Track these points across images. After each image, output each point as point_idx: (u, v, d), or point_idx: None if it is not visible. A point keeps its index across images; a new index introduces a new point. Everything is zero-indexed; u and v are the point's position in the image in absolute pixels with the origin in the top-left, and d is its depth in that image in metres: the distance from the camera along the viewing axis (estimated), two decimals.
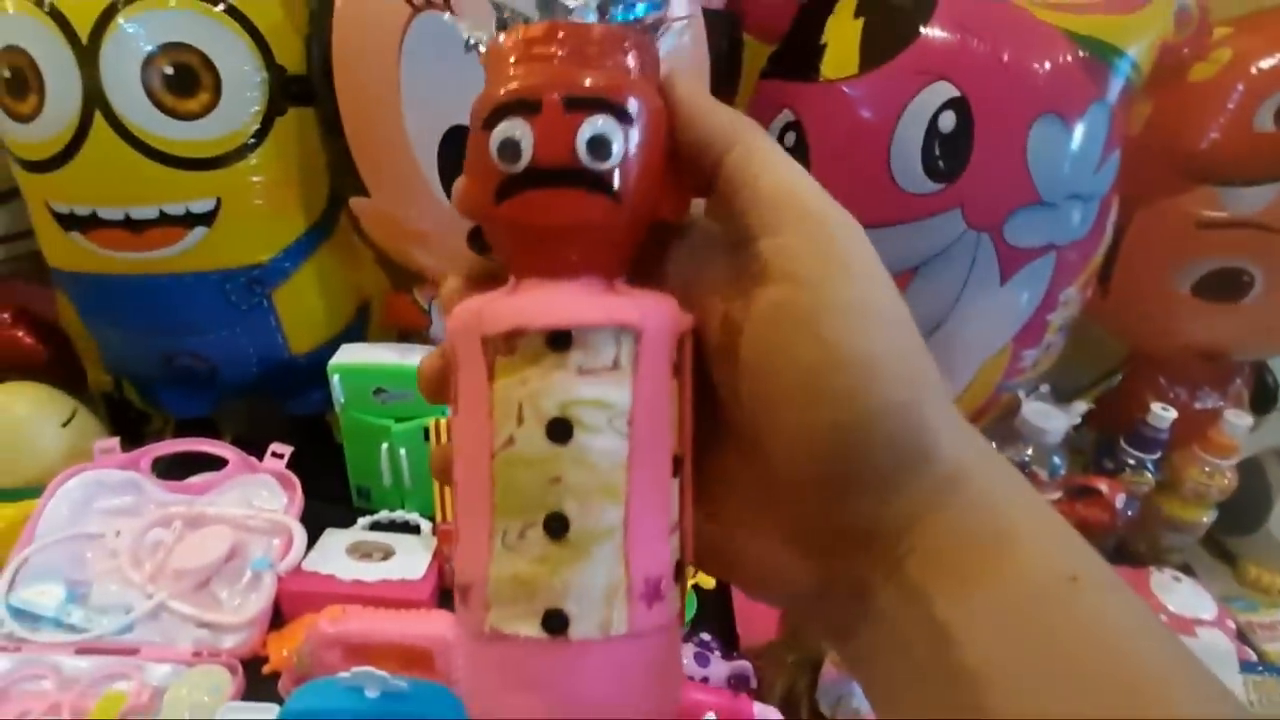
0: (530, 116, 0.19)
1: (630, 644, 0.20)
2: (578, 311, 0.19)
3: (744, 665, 0.58)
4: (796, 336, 0.19)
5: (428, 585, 0.62)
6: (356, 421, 0.68)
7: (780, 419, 0.19)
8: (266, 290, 0.65)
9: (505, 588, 0.19)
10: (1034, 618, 0.18)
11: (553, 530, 0.19)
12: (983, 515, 0.19)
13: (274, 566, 0.61)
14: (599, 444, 0.19)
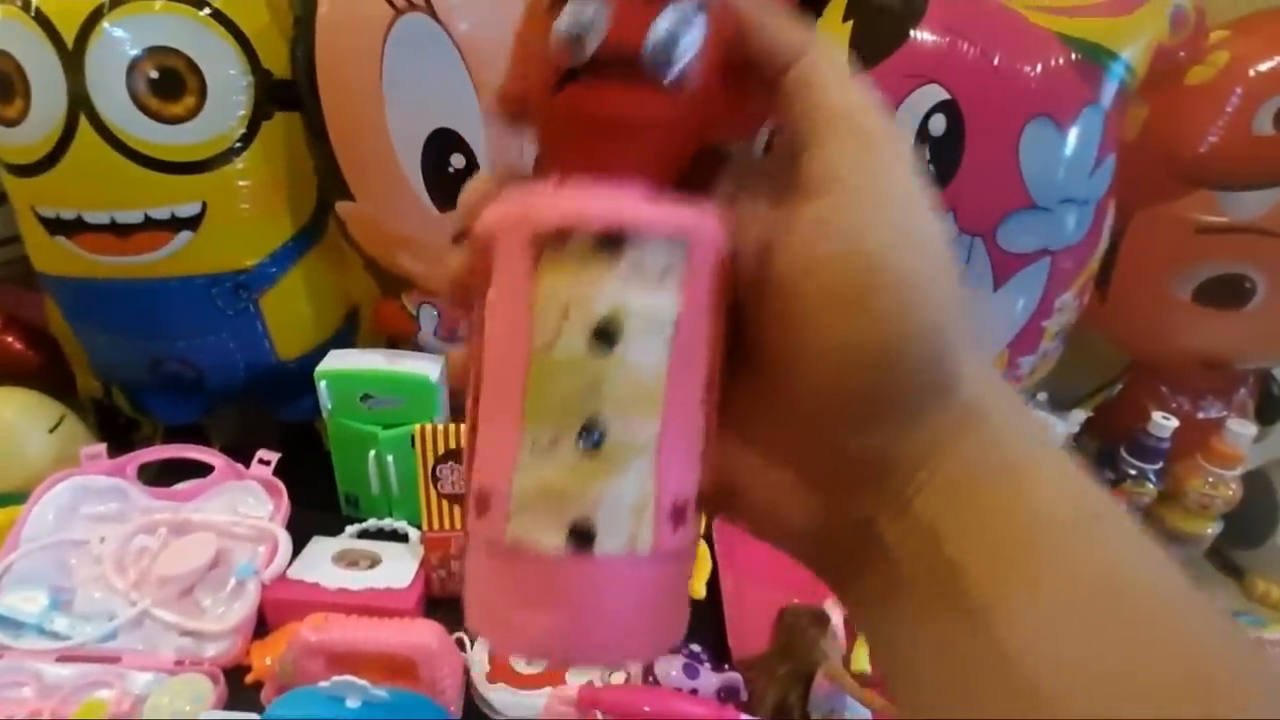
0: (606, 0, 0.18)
1: (652, 565, 0.19)
2: (635, 214, 0.18)
3: (734, 677, 0.57)
4: (840, 250, 0.18)
5: (413, 594, 0.61)
6: (344, 428, 0.67)
7: (813, 338, 0.18)
8: (253, 295, 0.64)
9: (531, 497, 0.18)
10: (1050, 554, 0.17)
11: (588, 440, 0.18)
12: (999, 452, 0.19)
13: (258, 574, 0.60)
14: (643, 354, 0.18)
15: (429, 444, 0.59)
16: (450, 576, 0.65)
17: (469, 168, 0.53)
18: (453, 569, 0.64)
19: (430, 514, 0.62)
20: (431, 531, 0.63)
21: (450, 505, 0.62)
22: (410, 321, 0.69)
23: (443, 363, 0.67)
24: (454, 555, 0.64)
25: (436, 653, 0.53)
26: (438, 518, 0.62)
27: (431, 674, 0.53)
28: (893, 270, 0.18)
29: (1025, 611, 0.17)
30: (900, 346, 0.18)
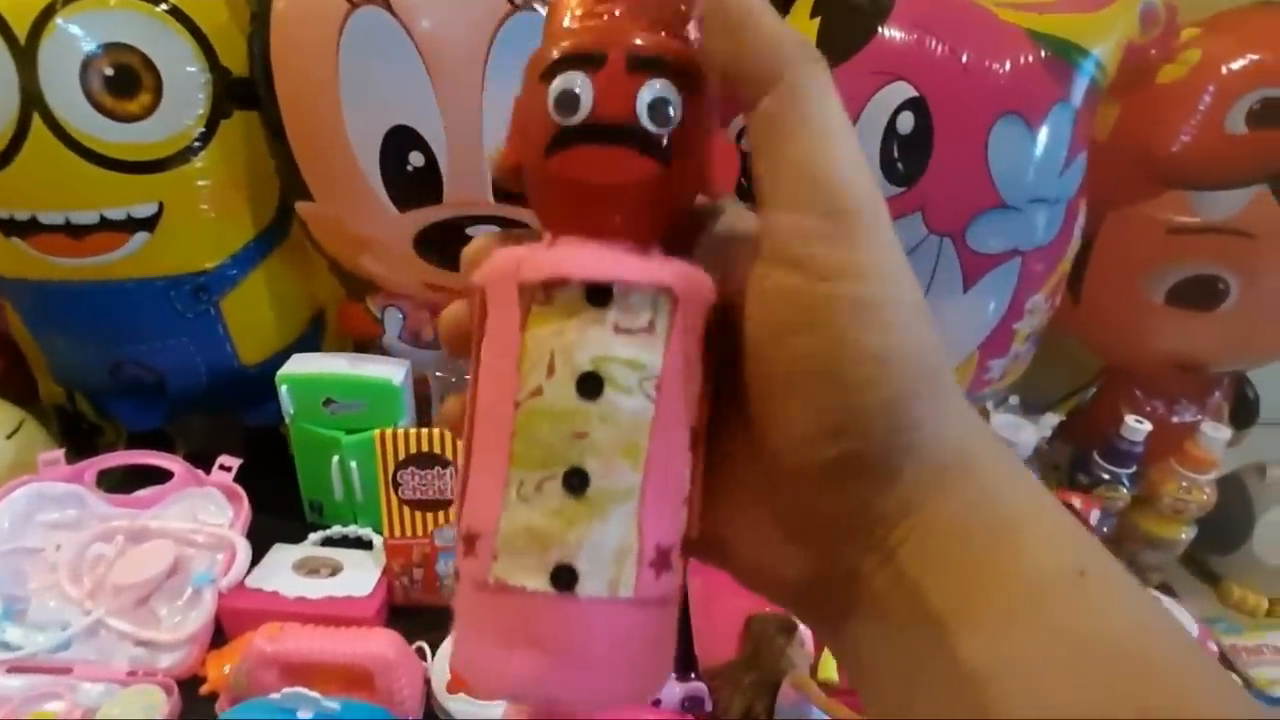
0: (592, 71, 0.19)
1: (635, 609, 0.19)
2: (621, 268, 0.19)
3: (698, 687, 0.56)
4: (805, 326, 0.18)
5: (374, 602, 0.60)
6: (306, 433, 0.66)
7: (783, 404, 0.19)
8: (213, 298, 0.63)
9: (516, 539, 0.19)
10: (1038, 610, 0.17)
11: (572, 485, 0.19)
12: (984, 506, 0.18)
13: (215, 582, 0.59)
14: (627, 404, 0.19)
15: (390, 449, 0.58)
16: (413, 584, 0.64)
17: (428, 166, 0.52)
18: (415, 577, 0.63)
19: (391, 520, 0.61)
20: (393, 538, 0.61)
21: (412, 511, 0.60)
22: (375, 324, 0.68)
23: (407, 367, 0.66)
24: (416, 563, 0.63)
25: (394, 663, 0.52)
26: (399, 524, 0.61)
27: (389, 684, 0.52)
28: (861, 347, 0.18)
29: (1014, 672, 0.17)
30: (871, 415, 0.18)
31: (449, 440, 0.58)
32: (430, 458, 0.58)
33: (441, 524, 0.61)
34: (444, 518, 0.61)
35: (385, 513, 0.60)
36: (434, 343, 0.68)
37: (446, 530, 0.61)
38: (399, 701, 0.53)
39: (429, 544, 0.62)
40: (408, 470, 0.59)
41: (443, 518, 0.61)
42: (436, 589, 0.64)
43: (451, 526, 0.61)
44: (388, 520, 0.61)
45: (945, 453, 0.18)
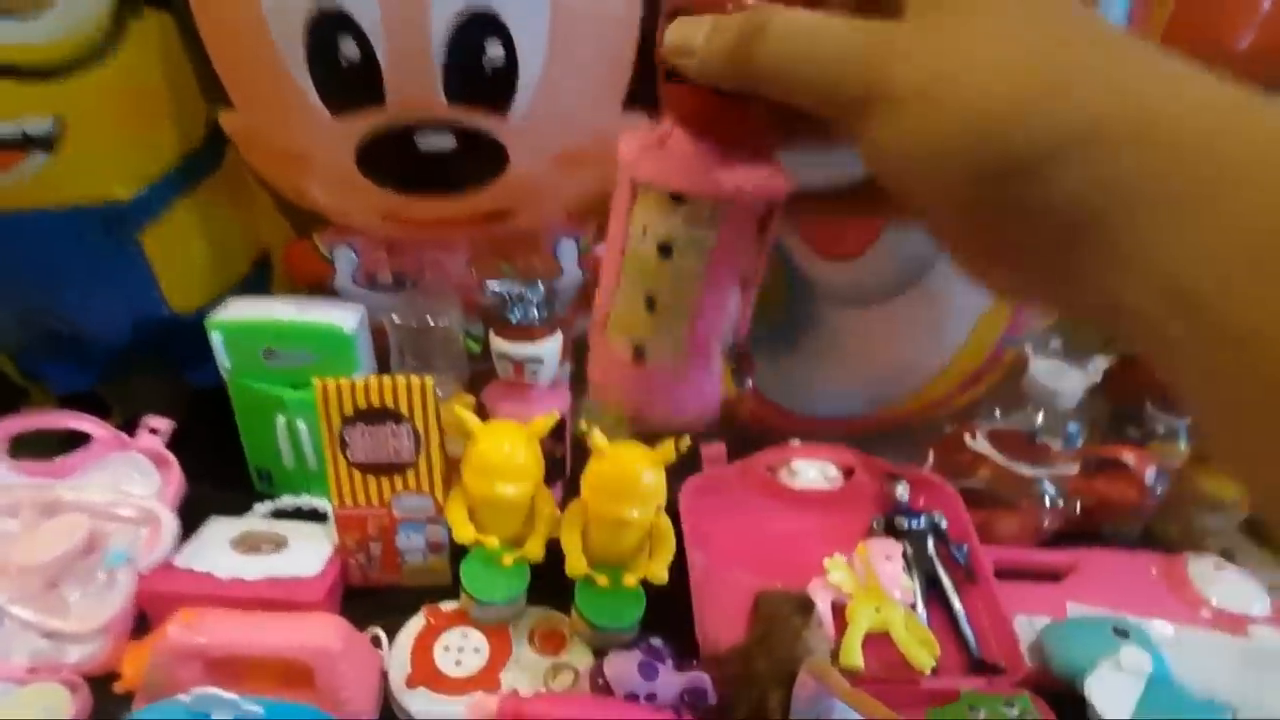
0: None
1: (681, 377, 0.34)
2: (691, 183, 0.29)
3: (699, 678, 0.48)
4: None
5: (323, 583, 0.52)
6: (246, 390, 0.58)
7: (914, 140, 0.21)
8: (132, 233, 0.54)
9: (616, 325, 0.35)
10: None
11: (647, 303, 0.33)
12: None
13: (132, 562, 0.51)
14: (687, 264, 0.31)
15: (334, 403, 0.49)
16: (370, 562, 0.55)
17: (365, 59, 0.42)
18: (373, 553, 0.55)
19: (341, 487, 0.52)
20: (343, 508, 0.53)
21: (364, 477, 0.52)
22: (323, 264, 0.59)
23: (361, 312, 0.57)
24: (373, 536, 0.54)
25: (337, 655, 0.44)
26: (350, 492, 0.52)
27: (331, 681, 0.44)
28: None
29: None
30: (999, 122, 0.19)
31: (404, 391, 0.49)
32: (383, 413, 0.50)
33: (400, 490, 0.52)
34: (401, 483, 0.52)
35: (333, 479, 0.52)
36: (391, 285, 0.59)
37: (407, 498, 0.53)
38: (344, 700, 0.45)
39: (386, 514, 0.53)
40: (355, 428, 0.50)
41: (400, 483, 0.52)
42: (397, 567, 0.56)
43: (411, 494, 0.53)
44: (336, 487, 0.52)
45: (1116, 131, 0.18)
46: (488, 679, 0.49)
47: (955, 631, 0.55)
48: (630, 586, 0.52)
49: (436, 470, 0.52)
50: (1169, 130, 0.17)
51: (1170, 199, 0.17)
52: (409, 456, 0.51)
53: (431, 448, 0.51)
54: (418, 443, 0.51)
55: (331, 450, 0.51)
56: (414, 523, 0.54)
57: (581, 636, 0.52)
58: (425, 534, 0.54)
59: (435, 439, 0.51)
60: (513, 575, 0.52)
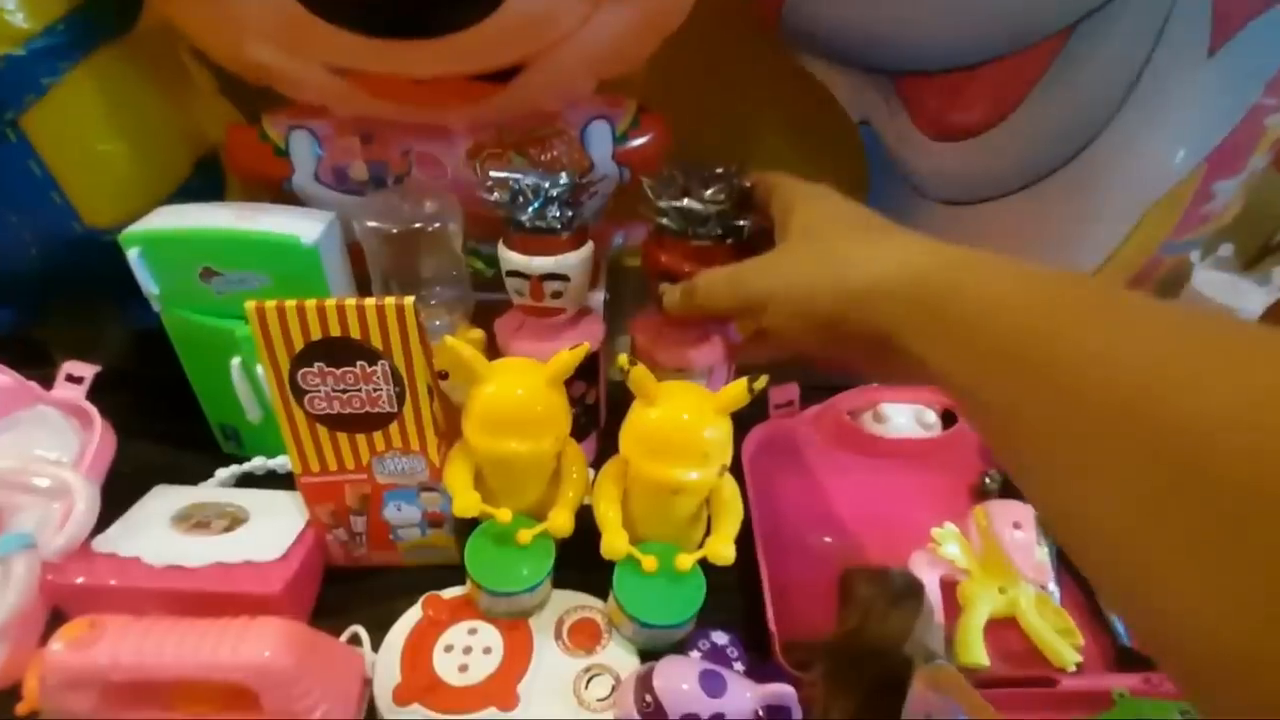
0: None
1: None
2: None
3: (780, 691, 0.36)
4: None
5: (285, 570, 0.40)
6: (186, 325, 0.45)
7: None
8: (7, 112, 0.41)
9: None
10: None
11: None
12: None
13: (35, 548, 0.39)
14: None
15: (277, 333, 0.36)
16: (355, 539, 0.43)
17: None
18: (356, 528, 0.43)
19: (301, 446, 0.40)
20: (308, 475, 0.41)
21: (333, 434, 0.39)
22: (276, 159, 0.45)
23: (329, 219, 0.43)
24: (353, 508, 0.42)
25: (290, 674, 0.32)
26: (314, 453, 0.40)
27: (284, 705, 0.32)
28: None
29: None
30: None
31: (374, 317, 0.36)
32: (347, 347, 0.37)
33: (381, 450, 0.40)
34: (383, 441, 0.40)
35: (289, 436, 0.39)
36: (369, 184, 0.46)
37: (392, 459, 0.40)
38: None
39: (368, 480, 0.41)
40: (313, 369, 0.37)
41: (381, 441, 0.40)
42: (391, 544, 0.44)
43: (396, 454, 0.40)
44: (295, 448, 0.40)
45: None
46: (501, 691, 0.38)
47: (1095, 614, 0.43)
48: (685, 570, 0.39)
49: (427, 422, 0.39)
50: (921, 286, 0.29)
51: (927, 327, 0.29)
52: (389, 405, 0.38)
53: (420, 393, 0.38)
54: (400, 387, 0.38)
55: (282, 399, 0.38)
56: (404, 490, 0.42)
57: (622, 632, 0.40)
58: (419, 504, 0.42)
59: (423, 380, 0.38)
60: (532, 556, 0.40)
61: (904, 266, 0.30)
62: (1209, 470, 0.18)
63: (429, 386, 0.38)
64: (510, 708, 0.37)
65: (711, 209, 0.41)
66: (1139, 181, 0.42)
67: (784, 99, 0.64)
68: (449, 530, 0.44)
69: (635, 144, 0.49)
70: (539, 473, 0.41)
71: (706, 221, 0.41)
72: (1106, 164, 0.41)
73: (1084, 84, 0.41)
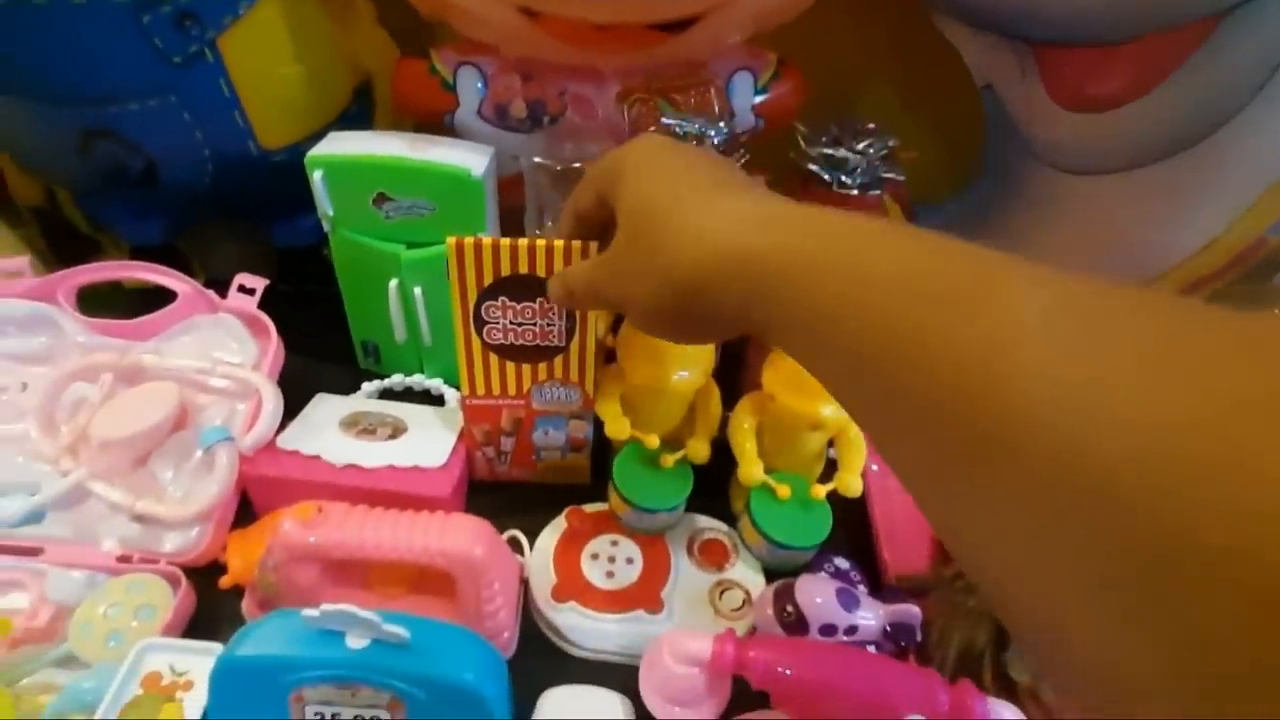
0: None
1: None
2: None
3: (908, 611, 0.39)
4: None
5: (450, 475, 0.44)
6: (352, 246, 0.48)
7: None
8: (208, 33, 0.43)
9: None
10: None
11: None
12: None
13: (233, 441, 0.43)
14: None
15: (470, 268, 0.39)
16: (501, 457, 0.47)
17: None
18: (504, 448, 0.46)
19: (472, 371, 0.43)
20: (473, 397, 0.44)
21: (502, 363, 0.43)
22: (443, 93, 0.48)
23: (491, 154, 0.46)
24: (506, 430, 0.46)
25: (482, 563, 0.36)
26: (483, 378, 0.43)
27: (475, 592, 0.36)
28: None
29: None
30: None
31: (561, 258, 0.38)
32: (528, 282, 0.40)
33: (542, 379, 0.43)
34: (545, 371, 0.43)
35: (463, 362, 0.43)
36: (526, 121, 0.48)
37: (551, 388, 0.44)
38: (490, 613, 0.38)
39: (524, 406, 0.44)
40: (497, 302, 0.40)
41: (544, 371, 0.43)
42: (531, 463, 0.47)
43: (556, 383, 0.43)
44: (467, 371, 0.43)
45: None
46: (647, 595, 0.41)
47: None
48: (817, 499, 0.43)
49: (590, 356, 0.42)
50: (783, 263, 0.24)
51: (772, 312, 0.25)
52: (558, 339, 0.42)
53: (588, 329, 0.41)
54: (571, 322, 0.41)
55: (464, 328, 0.41)
56: (555, 417, 0.45)
57: (755, 552, 0.44)
58: (567, 430, 0.46)
59: (594, 318, 0.41)
60: (676, 478, 0.43)
61: (723, 244, 0.26)
62: (1117, 513, 0.15)
63: (595, 323, 0.42)
64: (657, 611, 0.41)
65: (861, 161, 0.43)
66: (1261, 166, 0.43)
67: (906, 54, 0.65)
68: (586, 454, 0.47)
69: (774, 95, 0.51)
70: (682, 404, 0.45)
71: (854, 171, 0.43)
72: (1232, 147, 0.42)
73: (1227, 69, 0.42)
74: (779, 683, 0.33)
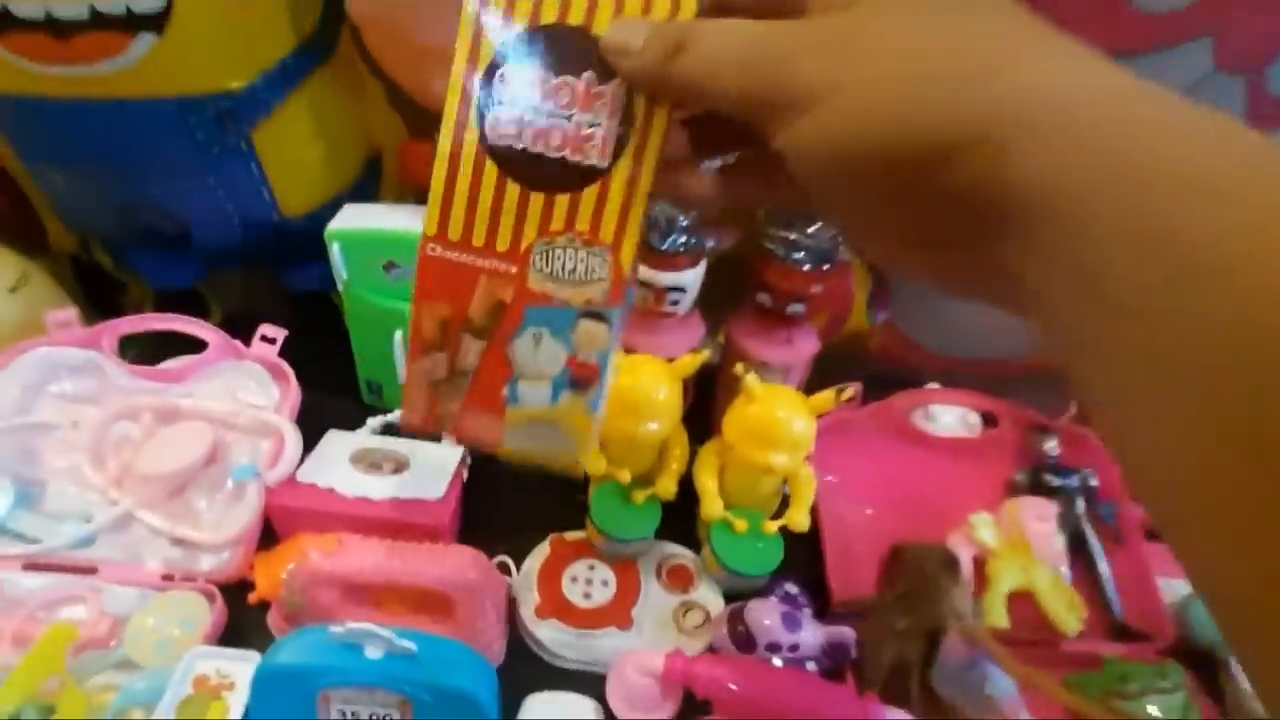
0: None
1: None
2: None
3: (843, 632, 0.46)
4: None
5: (447, 508, 0.50)
6: (363, 302, 0.55)
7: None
8: (244, 129, 0.50)
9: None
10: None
11: None
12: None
13: (261, 475, 0.49)
14: None
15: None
16: (450, 386, 0.50)
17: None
18: (461, 365, 0.49)
19: (450, 193, 0.28)
20: (439, 243, 0.41)
21: (499, 182, 0.28)
22: None
23: None
24: (474, 325, 0.46)
25: (477, 587, 0.43)
26: (463, 209, 0.34)
27: (471, 613, 0.43)
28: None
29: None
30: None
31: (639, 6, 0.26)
32: (580, 44, 0.26)
33: (556, 229, 0.40)
34: (563, 213, 0.24)
35: (441, 170, 0.30)
36: None
37: (563, 248, 0.41)
38: (481, 629, 0.44)
39: (515, 276, 0.43)
40: (521, 67, 0.27)
41: (561, 212, 0.34)
42: (496, 402, 0.51)
43: (573, 240, 0.45)
44: (442, 190, 0.28)
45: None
46: (619, 614, 0.48)
47: (1098, 593, 0.53)
48: (770, 533, 0.49)
49: (640, 203, 0.27)
50: (1089, 124, 0.17)
51: (1089, 194, 0.16)
52: (598, 156, 0.26)
53: (647, 148, 0.26)
54: (627, 128, 0.26)
55: (459, 105, 0.27)
56: (557, 310, 0.28)
57: (714, 578, 0.50)
58: (570, 341, 0.29)
59: (659, 132, 0.26)
60: (645, 512, 0.50)
61: (1085, 89, 0.17)
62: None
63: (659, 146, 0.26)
64: (627, 628, 0.47)
65: (812, 242, 0.50)
66: None
67: None
68: (595, 399, 0.29)
69: None
70: (651, 450, 0.51)
71: (805, 251, 0.50)
72: None
73: None
74: (719, 695, 0.40)
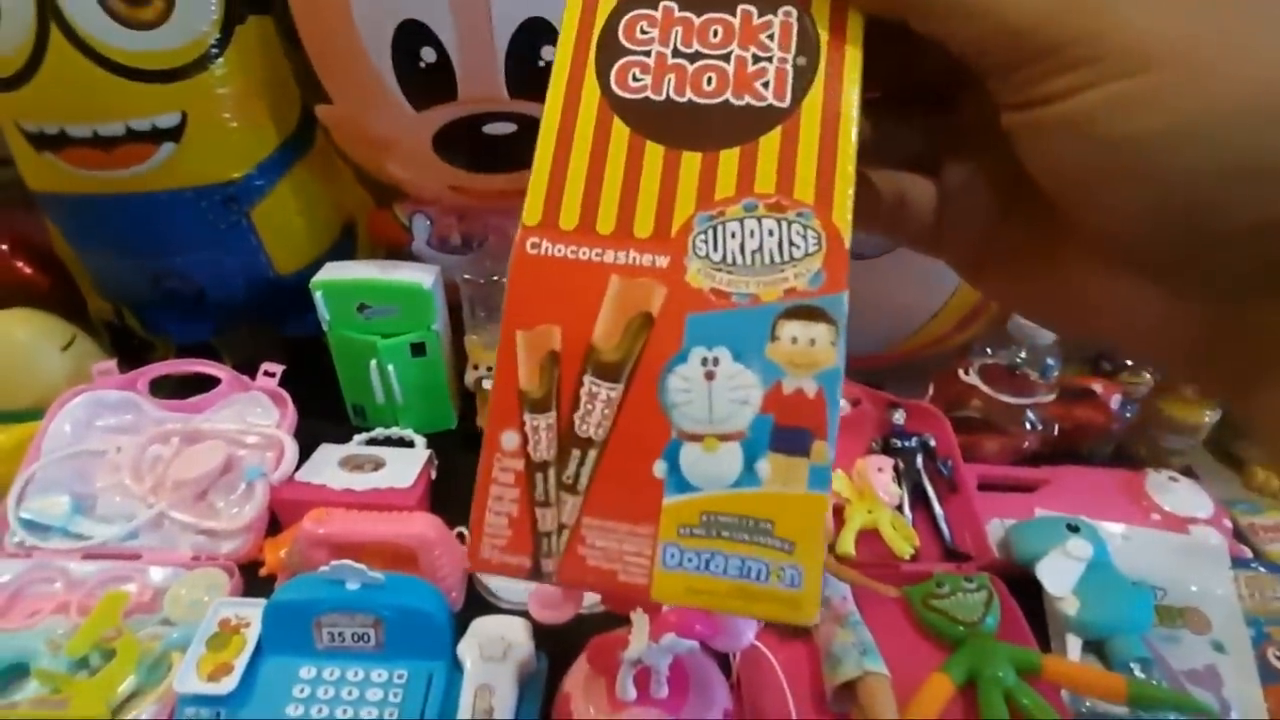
0: None
1: None
2: None
3: None
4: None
5: (415, 492, 0.63)
6: (344, 339, 0.69)
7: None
8: (244, 208, 0.65)
9: None
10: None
11: None
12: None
13: (266, 476, 0.63)
14: None
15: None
16: (547, 491, 0.66)
17: (440, 62, 0.52)
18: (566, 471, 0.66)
19: (560, 165, 0.23)
20: (540, 232, 0.61)
21: (632, 144, 0.20)
22: (403, 232, 0.69)
23: (436, 271, 0.67)
24: (597, 364, 0.63)
25: (435, 542, 0.56)
26: (577, 182, 0.48)
27: (431, 562, 0.56)
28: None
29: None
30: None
31: None
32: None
33: (724, 196, 0.47)
34: (736, 175, 0.23)
35: (547, 141, 0.21)
36: (461, 247, 0.70)
37: (746, 221, 0.52)
38: (441, 578, 0.57)
39: (668, 271, 0.58)
40: (653, 11, 0.19)
41: (729, 175, 0.36)
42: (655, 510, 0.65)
43: (760, 208, 0.59)
44: (548, 165, 0.15)
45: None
46: None
47: (935, 531, 0.65)
48: None
49: (848, 144, 0.19)
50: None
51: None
52: (775, 94, 0.19)
53: (844, 83, 0.19)
54: (810, 58, 0.20)
55: (572, 69, 0.20)
56: (742, 313, 0.19)
57: None
58: (770, 357, 0.19)
59: (855, 64, 0.20)
60: None
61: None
62: None
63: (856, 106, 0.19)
64: None
65: None
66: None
67: None
68: (813, 481, 0.19)
69: None
70: None
71: None
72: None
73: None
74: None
